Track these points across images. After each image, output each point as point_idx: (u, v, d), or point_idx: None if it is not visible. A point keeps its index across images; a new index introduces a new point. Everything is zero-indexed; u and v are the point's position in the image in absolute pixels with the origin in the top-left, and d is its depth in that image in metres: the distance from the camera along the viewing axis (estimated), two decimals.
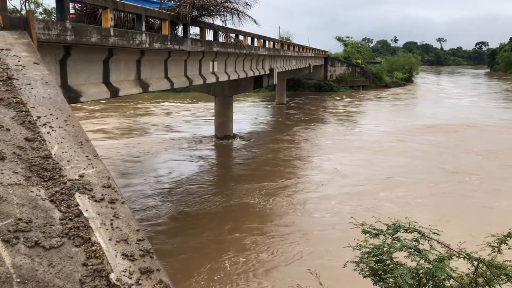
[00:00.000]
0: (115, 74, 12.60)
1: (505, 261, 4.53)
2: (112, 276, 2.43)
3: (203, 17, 17.05)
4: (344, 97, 56.08)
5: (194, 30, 18.08)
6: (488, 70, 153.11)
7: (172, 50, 14.86)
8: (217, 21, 18.45)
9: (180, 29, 16.20)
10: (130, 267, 2.54)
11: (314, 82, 63.03)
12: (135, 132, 30.76)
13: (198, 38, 17.84)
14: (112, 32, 10.94)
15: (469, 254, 4.57)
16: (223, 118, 28.53)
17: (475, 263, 4.52)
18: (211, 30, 18.60)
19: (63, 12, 9.27)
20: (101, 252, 2.59)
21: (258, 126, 34.69)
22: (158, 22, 15.21)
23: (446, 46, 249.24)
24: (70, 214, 2.86)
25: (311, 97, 55.45)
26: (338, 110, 43.42)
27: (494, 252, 4.66)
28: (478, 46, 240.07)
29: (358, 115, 39.86)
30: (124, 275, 2.47)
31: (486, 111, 40.46)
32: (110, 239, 2.73)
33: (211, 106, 41.41)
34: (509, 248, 4.62)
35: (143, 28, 12.62)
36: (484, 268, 4.52)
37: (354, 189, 17.60)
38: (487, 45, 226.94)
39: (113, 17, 11.11)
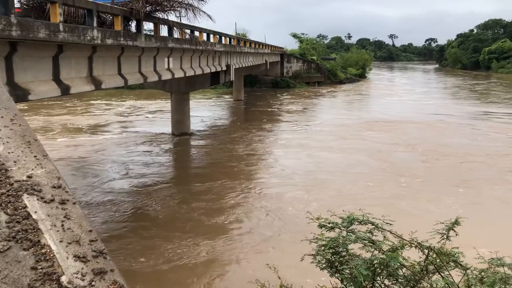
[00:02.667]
0: (65, 71, 12.19)
1: (453, 248, 4.74)
2: (64, 279, 2.35)
3: (157, 13, 16.76)
4: (286, 95, 56.54)
5: (148, 26, 17.79)
6: (437, 65, 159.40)
7: (126, 46, 14.54)
8: (172, 17, 18.21)
9: (133, 25, 15.86)
10: (82, 268, 2.46)
11: (271, 79, 63.42)
12: (89, 130, 29.89)
13: (152, 34, 17.53)
14: (61, 28, 10.56)
15: (420, 243, 4.75)
16: (180, 115, 28.21)
17: (426, 251, 4.70)
18: (166, 26, 18.32)
19: (7, 6, 8.86)
20: (52, 255, 2.49)
21: (216, 122, 34.54)
22: (110, 17, 14.82)
23: (398, 43, 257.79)
24: (18, 217, 2.73)
25: (268, 93, 55.79)
26: (293, 107, 43.67)
27: (443, 239, 4.87)
28: (427, 42, 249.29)
29: (309, 112, 40.35)
30: (76, 277, 2.39)
31: (431, 108, 41.22)
32: (61, 241, 2.64)
33: (168, 103, 40.83)
34: (456, 235, 4.84)
35: (95, 24, 12.27)
36: (434, 255, 4.71)
37: (278, 190, 17.25)
38: (436, 41, 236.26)
39: (62, 12, 10.72)
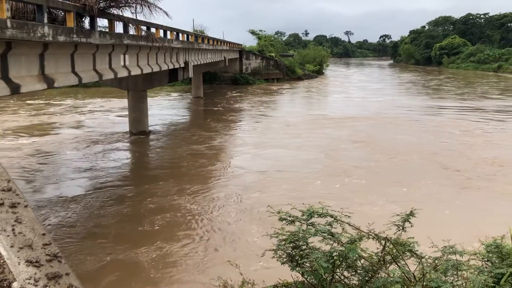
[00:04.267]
0: (15, 69, 11.71)
1: (409, 238, 4.91)
2: (15, 285, 2.26)
3: (111, 9, 16.38)
4: (245, 91, 56.65)
5: (103, 23, 17.35)
6: (391, 61, 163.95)
7: (79, 43, 14.11)
8: (127, 13, 17.84)
9: (87, 21, 15.41)
10: (35, 273, 2.38)
11: (230, 75, 63.35)
12: (43, 129, 28.84)
13: (107, 31, 17.11)
14: (9, 24, 10.12)
15: (377, 234, 4.88)
16: (138, 113, 27.69)
17: (383, 242, 4.84)
18: (121, 23, 17.93)
19: None
20: (2, 261, 2.40)
21: (174, 120, 34.10)
22: (62, 13, 14.34)
23: (353, 39, 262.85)
24: None
25: (227, 90, 55.68)
26: (251, 105, 43.61)
27: (399, 230, 5.03)
28: (382, 39, 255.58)
29: (267, 109, 40.33)
30: (28, 283, 2.31)
31: (386, 105, 41.78)
32: (12, 246, 2.54)
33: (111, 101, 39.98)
34: (411, 226, 5.00)
35: (45, 20, 11.83)
36: (391, 246, 4.85)
37: (220, 191, 16.71)
38: (390, 38, 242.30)
39: (9, 7, 10.27)
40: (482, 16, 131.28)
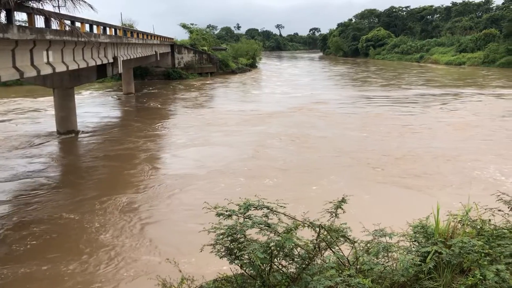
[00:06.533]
0: None
1: (342, 224, 5.09)
2: None
3: (30, 2, 15.46)
4: (177, 87, 55.78)
5: (22, 17, 16.35)
6: (321, 53, 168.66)
7: None
8: (49, 7, 16.92)
9: (3, 16, 14.42)
10: None
11: (163, 70, 62.15)
12: None
13: (27, 25, 16.11)
14: None
15: (312, 222, 5.00)
16: (65, 112, 26.38)
17: (318, 229, 4.98)
18: (42, 17, 16.96)
19: None
20: None
21: (104, 118, 32.71)
22: None
23: (284, 32, 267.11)
24: None
25: (160, 86, 54.46)
26: (183, 101, 42.51)
27: (332, 217, 5.19)
28: (311, 32, 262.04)
29: (200, 105, 39.85)
30: None
31: (318, 97, 42.26)
32: None
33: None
34: (344, 212, 5.18)
35: None
36: (325, 233, 5.00)
37: (124, 199, 15.37)
38: (319, 30, 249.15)
39: None
40: (404, 9, 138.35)
